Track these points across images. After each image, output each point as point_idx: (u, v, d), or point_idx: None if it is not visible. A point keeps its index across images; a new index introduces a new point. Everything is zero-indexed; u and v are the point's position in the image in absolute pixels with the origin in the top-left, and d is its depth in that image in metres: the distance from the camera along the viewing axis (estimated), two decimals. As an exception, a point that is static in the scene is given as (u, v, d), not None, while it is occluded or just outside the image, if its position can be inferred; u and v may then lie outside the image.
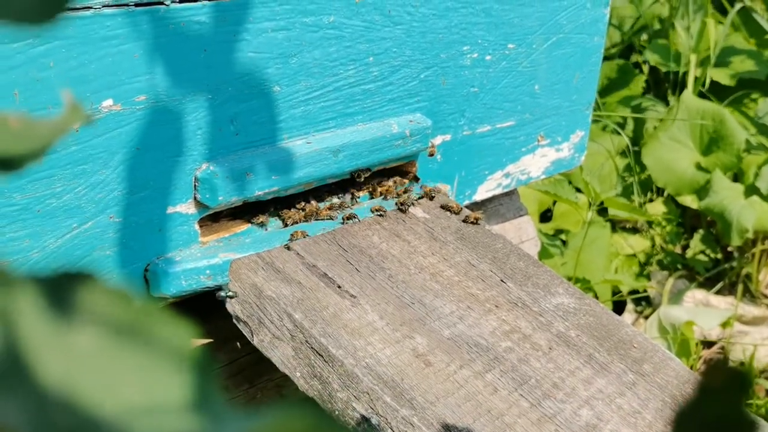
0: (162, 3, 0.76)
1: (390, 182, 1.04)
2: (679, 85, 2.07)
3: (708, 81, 2.02)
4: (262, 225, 0.91)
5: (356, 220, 0.95)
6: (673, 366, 0.85)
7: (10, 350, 0.18)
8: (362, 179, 0.98)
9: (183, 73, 0.80)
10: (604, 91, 2.08)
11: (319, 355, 0.77)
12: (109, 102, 0.75)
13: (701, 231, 1.88)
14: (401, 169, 1.08)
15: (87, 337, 0.19)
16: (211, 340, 0.94)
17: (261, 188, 0.88)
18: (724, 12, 2.32)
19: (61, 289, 0.19)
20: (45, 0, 0.18)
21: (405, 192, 1.02)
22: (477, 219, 1.00)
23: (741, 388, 0.18)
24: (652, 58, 2.08)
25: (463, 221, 1.00)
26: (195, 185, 0.84)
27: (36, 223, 0.74)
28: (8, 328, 0.18)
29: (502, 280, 0.92)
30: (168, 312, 0.21)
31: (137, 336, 0.20)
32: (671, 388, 0.82)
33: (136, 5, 0.74)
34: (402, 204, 0.99)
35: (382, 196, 1.02)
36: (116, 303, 0.20)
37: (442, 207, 1.02)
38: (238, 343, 0.95)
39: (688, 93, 1.92)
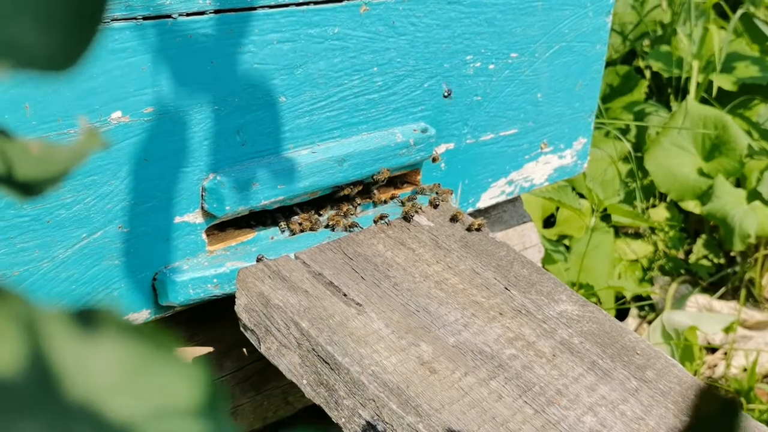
0: (170, 16, 0.77)
1: (395, 191, 1.05)
2: (681, 91, 2.08)
3: (712, 87, 2.03)
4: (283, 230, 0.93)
5: (359, 228, 0.96)
6: (675, 372, 0.86)
7: (39, 373, 0.19)
8: (379, 182, 1.00)
9: (190, 84, 0.81)
10: (607, 97, 2.09)
11: (326, 362, 0.77)
12: (117, 114, 0.76)
13: (704, 236, 1.89)
14: (405, 178, 1.09)
15: (107, 360, 0.20)
16: (218, 347, 0.95)
17: (267, 197, 0.89)
18: (726, 18, 2.33)
19: (85, 320, 0.20)
20: (67, 46, 0.19)
21: (409, 200, 1.03)
22: (480, 226, 1.01)
23: (733, 416, 0.19)
24: (654, 63, 2.09)
25: (467, 230, 1.01)
26: (202, 195, 0.85)
27: (46, 234, 0.75)
28: (37, 354, 0.19)
29: (506, 288, 0.93)
30: (179, 347, 0.22)
31: (153, 361, 0.21)
32: (674, 395, 0.83)
33: (145, 18, 0.75)
34: (407, 213, 1.00)
35: (385, 203, 1.03)
36: (135, 334, 0.21)
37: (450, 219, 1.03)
38: (244, 350, 0.96)
39: (691, 99, 1.93)
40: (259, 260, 0.87)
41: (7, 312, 0.19)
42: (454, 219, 1.02)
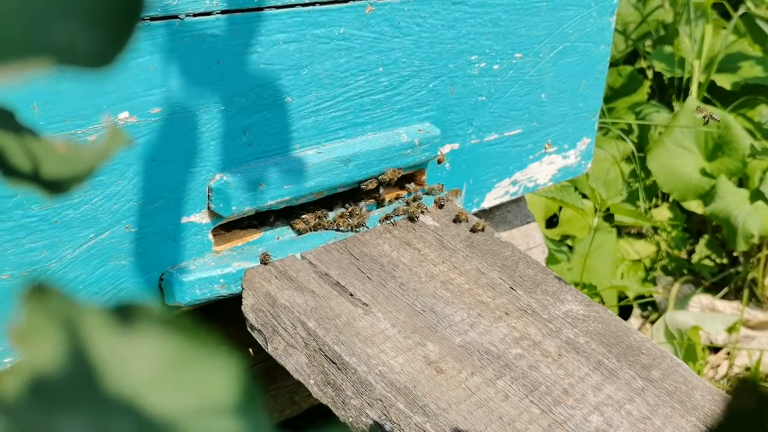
0: (177, 17, 0.77)
1: (401, 190, 1.05)
2: (683, 91, 2.08)
3: (711, 86, 2.03)
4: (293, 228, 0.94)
5: (365, 228, 0.96)
6: (681, 372, 0.86)
7: (80, 367, 0.19)
8: (388, 182, 1.00)
9: (197, 85, 0.81)
10: (609, 97, 2.09)
11: (333, 362, 0.78)
12: (125, 114, 0.76)
13: (707, 236, 1.89)
14: (411, 178, 1.09)
15: (146, 355, 0.20)
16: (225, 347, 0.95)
17: (273, 197, 0.89)
18: (728, 18, 2.33)
19: (124, 315, 0.21)
20: (107, 43, 0.19)
21: (415, 200, 1.03)
22: (483, 227, 1.01)
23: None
24: (656, 64, 2.09)
25: (472, 231, 1.01)
26: (209, 195, 0.85)
27: (54, 234, 0.76)
28: (78, 348, 0.19)
29: (511, 288, 0.93)
30: (215, 338, 0.22)
31: (190, 355, 0.21)
32: (680, 394, 0.83)
33: (152, 19, 0.76)
34: (412, 213, 1.00)
35: (390, 202, 1.03)
36: (174, 328, 0.21)
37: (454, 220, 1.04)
38: (251, 350, 0.96)
39: (693, 99, 1.93)
40: (263, 262, 0.88)
41: (47, 307, 0.20)
42: (457, 220, 1.02)
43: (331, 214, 0.98)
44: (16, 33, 0.18)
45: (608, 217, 1.85)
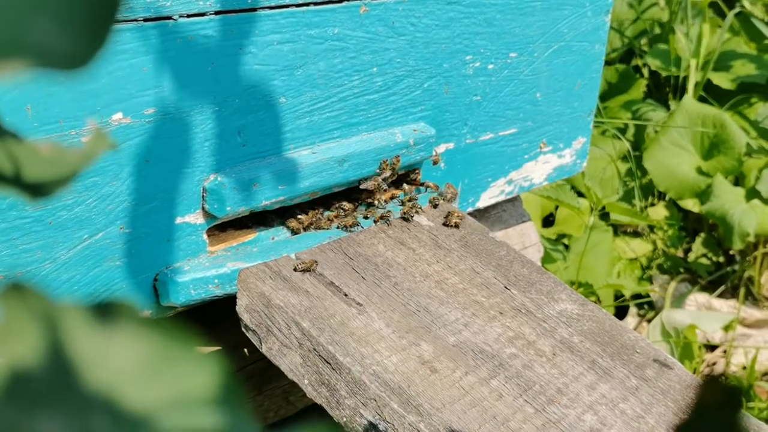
0: (170, 18, 0.77)
1: (396, 190, 1.05)
2: (679, 90, 2.09)
3: (707, 84, 2.04)
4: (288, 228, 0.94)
5: (360, 228, 0.97)
6: (675, 371, 0.86)
7: (59, 365, 0.19)
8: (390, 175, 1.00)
9: (191, 85, 0.81)
10: (605, 96, 2.09)
11: (327, 362, 0.78)
12: (119, 115, 0.76)
13: (703, 235, 1.89)
14: (405, 178, 1.09)
15: (124, 353, 0.21)
16: (219, 347, 0.95)
17: (268, 198, 0.89)
18: (724, 16, 2.33)
19: (103, 313, 0.21)
20: (82, 45, 0.19)
21: (410, 200, 1.03)
22: (460, 218, 1.01)
23: (736, 404, 0.19)
24: (652, 62, 2.09)
25: (444, 224, 1.01)
26: (203, 196, 0.85)
27: (48, 235, 0.76)
28: (57, 346, 0.20)
29: (506, 287, 0.93)
30: (196, 338, 0.22)
31: (170, 352, 0.21)
32: (674, 393, 0.83)
33: (146, 20, 0.76)
34: (406, 213, 1.00)
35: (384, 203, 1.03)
36: (152, 327, 0.21)
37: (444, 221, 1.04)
38: (245, 350, 0.96)
39: (689, 97, 1.93)
40: (295, 232, 0.89)
41: (26, 307, 0.20)
42: (447, 218, 1.02)
43: (326, 214, 0.99)
44: None
45: (604, 215, 1.85)
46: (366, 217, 0.99)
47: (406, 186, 1.07)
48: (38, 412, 0.19)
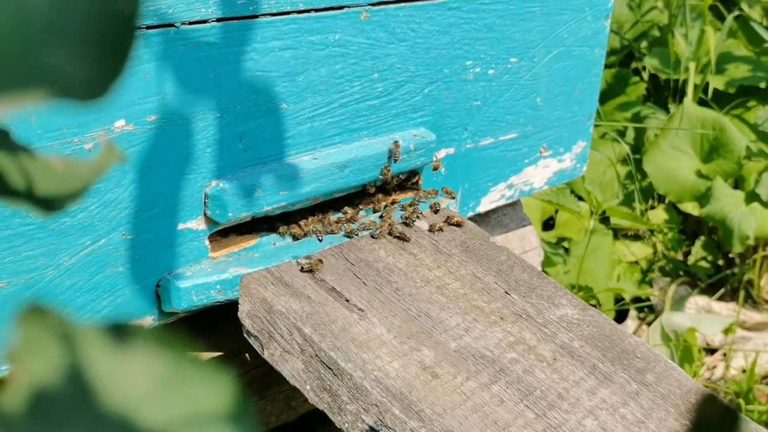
0: (173, 25, 0.78)
1: (396, 196, 1.06)
2: (679, 93, 2.09)
3: (706, 87, 2.04)
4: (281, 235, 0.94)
5: (359, 234, 0.97)
6: (675, 375, 0.87)
7: (75, 383, 0.20)
8: (373, 191, 1.00)
9: (193, 92, 0.81)
10: (605, 99, 2.09)
11: (329, 368, 0.78)
12: (121, 122, 0.77)
13: (703, 238, 1.90)
14: (406, 183, 1.09)
15: (139, 371, 0.21)
16: (221, 353, 0.96)
17: (269, 204, 0.90)
18: (722, 19, 2.34)
19: (118, 333, 0.21)
20: (99, 74, 0.19)
21: (411, 206, 1.04)
22: (441, 228, 1.02)
23: (733, 424, 0.20)
24: (651, 65, 2.10)
25: (445, 221, 1.02)
26: (205, 202, 0.86)
27: (51, 242, 0.76)
28: (74, 365, 0.20)
29: (506, 292, 0.93)
30: (208, 361, 0.23)
31: (182, 373, 0.22)
32: (674, 398, 0.83)
33: (148, 27, 0.76)
34: (407, 218, 1.01)
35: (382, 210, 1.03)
36: (165, 346, 0.22)
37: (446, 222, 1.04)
38: (247, 356, 0.97)
39: (688, 101, 1.93)
40: (349, 236, 0.93)
41: (43, 327, 0.20)
42: (431, 229, 1.02)
43: (328, 220, 0.99)
44: (10, 64, 0.19)
45: (605, 219, 1.86)
46: (372, 235, 0.98)
47: (406, 191, 1.07)
48: (56, 429, 0.19)
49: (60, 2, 0.19)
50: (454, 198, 1.09)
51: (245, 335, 0.85)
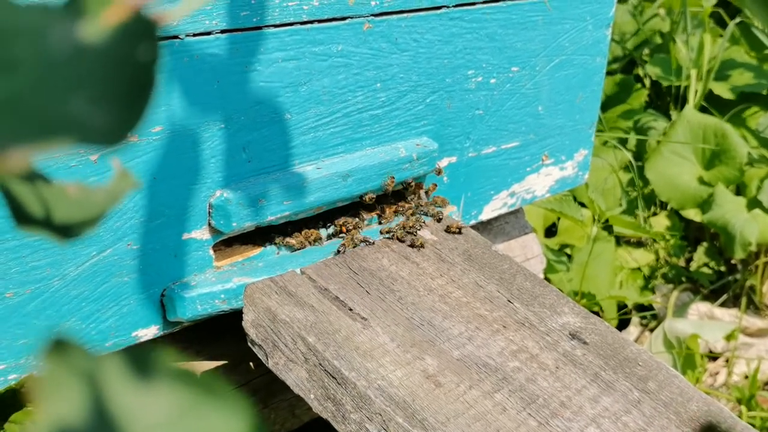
0: (177, 37, 0.78)
1: (398, 205, 1.06)
2: (680, 99, 2.10)
3: (710, 94, 2.05)
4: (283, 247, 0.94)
5: (369, 242, 0.98)
6: (677, 383, 0.87)
7: (99, 417, 0.20)
8: (372, 202, 1.00)
9: (197, 103, 0.82)
10: (606, 106, 2.10)
11: (333, 377, 0.79)
12: (126, 134, 0.77)
13: (705, 244, 1.90)
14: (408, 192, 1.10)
15: (161, 403, 0.22)
16: (225, 361, 0.96)
17: (273, 213, 0.90)
18: (724, 26, 2.34)
19: (139, 364, 0.22)
20: (121, 120, 0.20)
21: (413, 214, 1.04)
22: (459, 228, 1.03)
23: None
24: (653, 72, 2.10)
25: (445, 230, 1.03)
26: (209, 212, 0.87)
27: (56, 252, 0.77)
28: (97, 399, 0.20)
29: (509, 301, 0.94)
30: (224, 386, 0.23)
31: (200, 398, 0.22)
32: (676, 405, 0.84)
33: (153, 40, 0.77)
34: (411, 227, 1.01)
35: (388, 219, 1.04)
36: (186, 377, 0.22)
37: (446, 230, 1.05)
38: (251, 364, 0.97)
39: (690, 107, 1.94)
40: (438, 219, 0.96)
41: (68, 362, 0.21)
42: (449, 230, 1.03)
43: (331, 229, 1.00)
44: (36, 113, 0.19)
45: (607, 226, 1.86)
46: (375, 244, 0.99)
47: (409, 200, 1.07)
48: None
49: (82, 53, 0.19)
50: (448, 205, 1.10)
51: (249, 344, 0.85)
